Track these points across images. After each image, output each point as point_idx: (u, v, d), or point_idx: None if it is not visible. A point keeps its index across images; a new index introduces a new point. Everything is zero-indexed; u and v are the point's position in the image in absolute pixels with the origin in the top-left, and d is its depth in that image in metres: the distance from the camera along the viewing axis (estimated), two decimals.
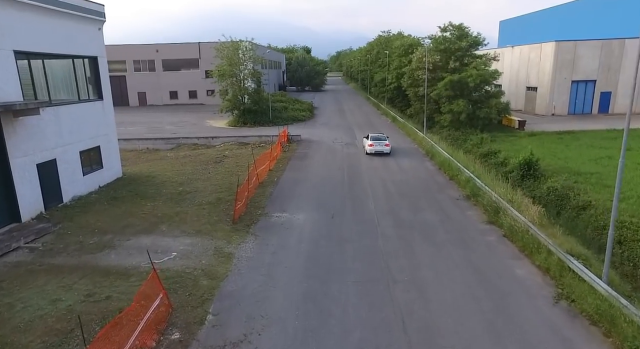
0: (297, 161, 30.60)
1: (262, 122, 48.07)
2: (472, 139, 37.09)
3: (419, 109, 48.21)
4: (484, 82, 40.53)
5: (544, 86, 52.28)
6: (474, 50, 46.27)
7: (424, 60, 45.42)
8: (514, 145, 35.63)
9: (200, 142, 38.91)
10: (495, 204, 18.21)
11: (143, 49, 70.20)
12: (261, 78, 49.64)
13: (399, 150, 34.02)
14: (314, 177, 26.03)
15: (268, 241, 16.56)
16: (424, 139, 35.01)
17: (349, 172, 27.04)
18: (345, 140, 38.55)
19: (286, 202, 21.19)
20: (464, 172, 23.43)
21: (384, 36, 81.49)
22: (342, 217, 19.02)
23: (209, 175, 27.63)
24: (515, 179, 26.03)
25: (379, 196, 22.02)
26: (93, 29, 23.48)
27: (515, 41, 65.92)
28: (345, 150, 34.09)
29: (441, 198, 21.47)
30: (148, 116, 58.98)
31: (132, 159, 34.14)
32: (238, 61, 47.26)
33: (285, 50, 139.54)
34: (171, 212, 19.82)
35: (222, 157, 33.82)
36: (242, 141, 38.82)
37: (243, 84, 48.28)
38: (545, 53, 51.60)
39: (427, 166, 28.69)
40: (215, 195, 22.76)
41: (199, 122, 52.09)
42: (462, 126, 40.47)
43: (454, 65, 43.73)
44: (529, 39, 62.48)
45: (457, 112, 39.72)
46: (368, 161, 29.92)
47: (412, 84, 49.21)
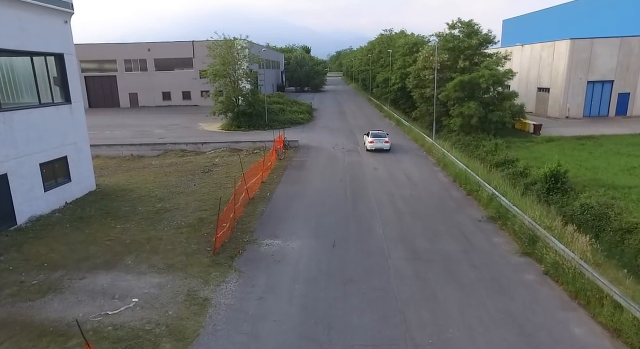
0: (293, 171, 27.48)
1: (257, 125, 44.93)
2: (484, 145, 34.00)
3: (425, 112, 45.10)
4: (496, 83, 37.44)
5: (557, 87, 49.16)
6: (483, 48, 43.24)
7: (431, 60, 42.32)
8: (531, 152, 32.55)
9: (188, 149, 35.78)
10: (529, 232, 15.08)
11: (134, 48, 67.06)
12: (255, 78, 46.44)
13: (406, 158, 30.89)
14: (312, 191, 22.91)
15: (254, 279, 13.44)
16: (434, 146, 31.89)
17: (352, 185, 23.91)
18: (346, 146, 35.40)
19: (279, 225, 18.07)
20: (484, 187, 20.31)
21: (386, 35, 78.33)
22: (345, 245, 15.90)
23: (194, 188, 24.51)
24: (540, 193, 23.01)
25: (388, 216, 18.90)
26: (57, 21, 20.34)
27: (519, 40, 62.79)
28: (347, 158, 30.96)
29: (460, 220, 18.35)
30: (138, 118, 55.83)
31: (112, 168, 31.02)
32: (232, 60, 44.12)
33: (284, 50, 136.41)
34: (143, 238, 16.70)
35: (212, 165, 30.70)
36: (235, 147, 35.68)
37: (237, 85, 45.14)
38: (559, 52, 48.47)
39: (439, 177, 25.56)
40: (197, 214, 19.65)
41: (191, 125, 48.96)
42: (473, 130, 37.38)
43: (463, 65, 40.65)
44: (534, 38, 59.35)
45: (468, 115, 36.60)
46: (373, 172, 26.81)
47: (418, 85, 46.10)
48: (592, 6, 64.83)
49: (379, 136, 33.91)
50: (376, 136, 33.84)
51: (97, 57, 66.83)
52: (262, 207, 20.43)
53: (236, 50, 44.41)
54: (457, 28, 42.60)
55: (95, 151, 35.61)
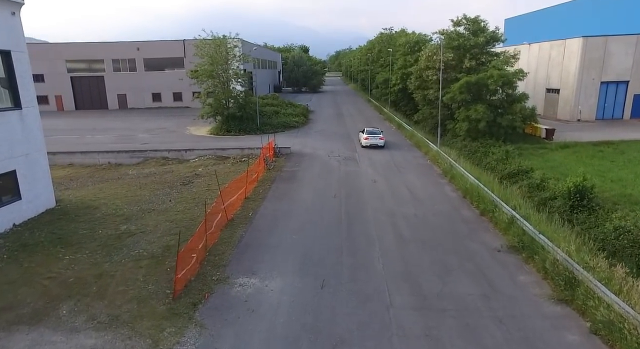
0: (282, 183, 24.49)
1: (248, 129, 41.95)
2: (494, 153, 31.01)
3: (428, 115, 42.12)
4: (506, 84, 34.44)
5: (568, 88, 46.23)
6: (491, 47, 40.31)
7: (435, 59, 39.36)
8: (545, 160, 29.59)
9: (170, 156, 32.80)
10: (565, 272, 12.10)
11: (123, 47, 64.08)
12: (247, 79, 43.45)
13: (409, 168, 27.88)
14: (301, 210, 19.92)
15: (219, 340, 10.47)
16: (439, 154, 28.91)
17: (347, 202, 20.92)
18: (343, 153, 32.41)
19: (258, 256, 15.08)
20: (502, 208, 17.32)
21: (386, 34, 75.31)
22: (337, 286, 12.92)
23: (169, 204, 21.55)
24: (562, 211, 20.07)
25: (389, 244, 15.92)
26: (2, 13, 17.38)
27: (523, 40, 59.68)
28: (344, 167, 27.96)
29: (475, 249, 15.37)
30: (125, 120, 52.89)
31: (83, 179, 28.04)
32: (221, 60, 41.15)
33: (282, 50, 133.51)
34: (91, 275, 13.73)
35: (193, 176, 27.74)
36: (221, 155, 32.69)
37: (227, 86, 42.18)
38: (570, 50, 45.52)
39: (447, 192, 22.55)
40: (165, 240, 16.70)
41: (178, 129, 46.01)
42: (480, 135, 34.42)
43: (469, 65, 37.70)
44: (539, 37, 56.29)
45: (475, 119, 33.62)
46: (371, 185, 23.80)
47: (420, 86, 43.13)
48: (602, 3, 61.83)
49: (374, 133, 35.42)
50: (371, 133, 35.37)
51: (83, 57, 63.91)
52: (242, 231, 17.45)
53: (225, 49, 41.44)
54: (463, 25, 39.69)
55: (69, 158, 32.81)
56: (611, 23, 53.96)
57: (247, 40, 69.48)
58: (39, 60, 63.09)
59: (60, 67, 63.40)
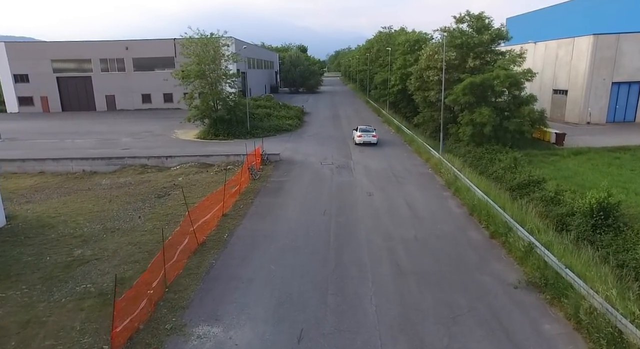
0: (267, 197, 21.93)
1: (237, 133, 39.39)
2: (501, 160, 28.51)
3: (429, 118, 39.58)
4: (513, 85, 31.89)
5: (576, 89, 43.68)
6: (496, 45, 37.78)
7: (436, 58, 36.85)
8: (558, 168, 27.05)
9: (150, 164, 30.25)
10: (608, 328, 9.52)
11: (110, 46, 61.53)
12: (237, 80, 40.92)
13: (409, 178, 25.29)
14: (284, 231, 17.37)
15: None
16: (441, 163, 26.37)
17: (338, 221, 18.36)
18: (337, 160, 29.86)
19: (227, 294, 12.53)
20: (518, 231, 14.78)
21: (385, 32, 72.73)
22: (318, 339, 10.38)
23: (137, 222, 19.05)
24: (582, 230, 17.57)
25: (384, 278, 13.36)
26: None
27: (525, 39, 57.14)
28: (337, 178, 25.39)
29: (487, 285, 12.82)
30: (111, 123, 50.35)
31: (50, 190, 25.50)
32: (209, 60, 38.61)
33: (279, 49, 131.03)
34: (16, 322, 11.21)
35: (172, 187, 25.22)
36: (205, 162, 30.15)
37: (215, 87, 39.64)
38: (579, 49, 42.98)
39: (451, 207, 19.97)
40: (122, 269, 14.19)
41: (165, 132, 43.48)
42: (485, 140, 31.90)
43: (472, 64, 35.15)
44: (542, 36, 53.68)
45: (480, 123, 31.11)
46: (367, 199, 21.23)
47: (421, 87, 40.57)
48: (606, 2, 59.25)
49: (367, 130, 36.11)
50: (364, 130, 36.02)
51: (69, 56, 61.40)
52: (212, 259, 14.91)
53: (214, 48, 38.90)
54: (466, 22, 37.11)
55: (40, 166, 30.26)
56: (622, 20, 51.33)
57: (241, 39, 66.97)
58: (23, 59, 60.85)
59: (45, 67, 60.89)
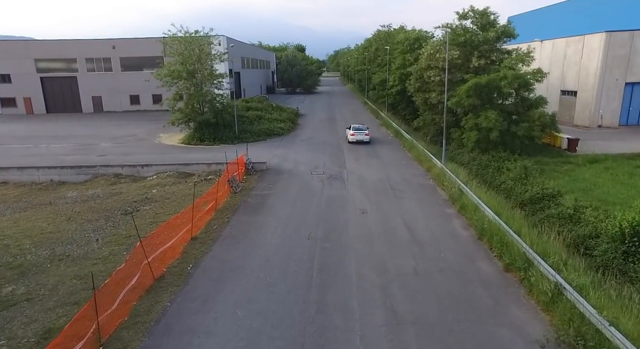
0: (245, 215, 19.25)
1: (224, 138, 36.73)
2: (509, 169, 25.91)
3: (430, 121, 36.94)
4: (522, 86, 29.26)
5: (587, 90, 41.04)
6: (501, 43, 35.15)
7: (437, 57, 34.21)
8: (574, 179, 24.39)
9: (124, 173, 27.62)
10: None
11: (96, 45, 58.86)
12: (223, 80, 38.26)
13: (408, 192, 22.55)
14: (259, 261, 14.70)
15: None
16: (444, 173, 23.69)
17: (324, 248, 15.67)
18: (330, 170, 27.19)
19: None
20: (540, 266, 12.11)
21: (384, 31, 69.99)
22: None
23: (94, 247, 16.42)
24: (610, 258, 15.00)
25: (375, 330, 10.70)
26: None
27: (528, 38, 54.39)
28: (327, 191, 22.69)
29: (505, 341, 10.15)
30: (94, 126, 47.74)
31: (5, 205, 22.92)
32: (194, 59, 35.96)
33: (277, 49, 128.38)
34: None
35: (143, 200, 22.60)
36: (184, 171, 27.52)
37: (201, 89, 37.00)
38: (590, 48, 40.30)
39: (456, 229, 17.28)
40: (54, 315, 11.56)
41: (149, 137, 40.86)
42: (491, 147, 29.30)
43: (477, 64, 32.54)
44: (544, 35, 50.88)
45: (486, 128, 28.48)
46: (359, 218, 18.55)
47: (421, 88, 37.95)
48: None
49: (360, 129, 36.41)
50: (357, 129, 36.34)
51: (54, 56, 58.76)
52: (168, 301, 12.24)
53: (199, 47, 36.25)
54: (469, 18, 34.44)
55: (3, 175, 27.60)
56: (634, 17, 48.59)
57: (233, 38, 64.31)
58: (5, 58, 58.13)
59: (29, 66, 58.27)
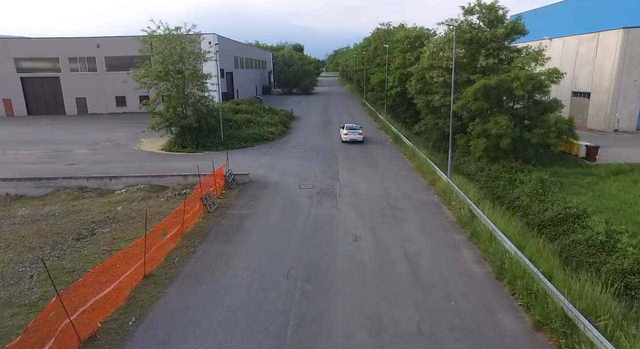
0: (216, 243, 16.18)
1: (208, 145, 33.72)
2: (522, 181, 22.93)
3: (433, 126, 33.87)
4: (537, 88, 26.21)
5: (602, 92, 38.02)
6: (510, 41, 32.20)
7: (441, 56, 31.19)
8: (598, 195, 21.35)
9: (90, 186, 24.58)
10: None
11: (80, 44, 55.78)
12: (209, 82, 35.26)
13: (409, 211, 19.41)
14: (221, 313, 11.61)
15: None
16: (451, 189, 20.61)
17: (306, 291, 12.59)
18: (320, 182, 24.14)
19: None
20: (589, 333, 9.06)
21: (383, 29, 66.93)
22: None
23: (23, 287, 13.38)
24: None
25: None
26: None
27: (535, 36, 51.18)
28: (316, 210, 19.61)
29: None
30: (74, 130, 44.68)
31: None
32: (175, 59, 32.94)
33: (274, 49, 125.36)
34: None
35: (104, 220, 19.58)
36: (158, 184, 24.49)
37: (183, 91, 34.00)
38: (605, 45, 37.28)
39: (467, 264, 14.17)
40: None
41: (129, 142, 37.84)
42: (501, 155, 26.31)
43: (484, 63, 29.54)
44: (552, 33, 47.77)
45: (496, 135, 25.45)
46: (351, 247, 15.49)
47: (422, 90, 34.93)
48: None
49: (353, 128, 36.40)
50: (351, 128, 36.27)
51: (35, 55, 55.70)
52: None
53: (180, 46, 33.22)
54: (476, 13, 31.40)
55: None
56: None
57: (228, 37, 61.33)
58: None
59: (8, 66, 55.17)
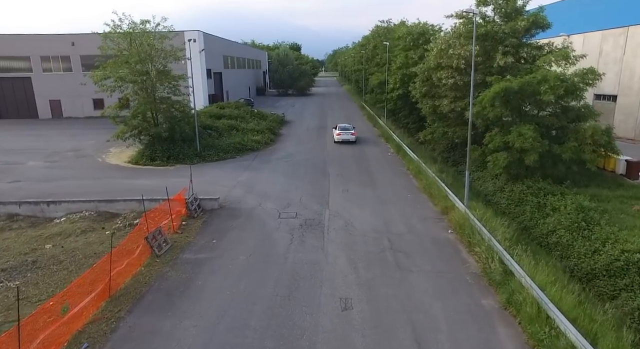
0: (148, 313, 11.57)
1: (182, 156, 29.20)
2: (555, 207, 18.49)
3: (441, 135, 29.33)
4: (570, 92, 21.69)
5: (631, 94, 33.57)
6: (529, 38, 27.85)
7: (451, 53, 26.73)
8: None
9: (23, 212, 20.01)
10: None
11: (53, 41, 51.22)
12: (181, 84, 30.76)
13: (418, 257, 14.79)
14: None
15: None
16: (471, 223, 16.05)
17: None
18: (307, 208, 19.60)
19: None
20: None
21: (383, 26, 62.32)
22: None
23: None
24: None
25: None
26: None
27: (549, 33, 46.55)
28: (296, 253, 15.01)
29: None
30: (38, 137, 40.12)
31: None
32: (143, 57, 28.45)
33: (270, 48, 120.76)
34: None
35: (22, 266, 15.05)
36: (107, 210, 19.95)
37: (153, 95, 29.50)
38: (636, 42, 32.82)
39: None
40: None
41: (95, 152, 33.36)
42: (524, 172, 21.89)
43: (502, 62, 25.05)
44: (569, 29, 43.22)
45: (520, 149, 20.96)
46: (338, 326, 10.84)
47: (429, 93, 30.44)
48: None
49: (346, 128, 35.75)
50: (343, 129, 35.67)
51: (3, 53, 51.16)
52: None
53: (148, 42, 28.73)
54: (491, 4, 26.93)
55: None
56: None
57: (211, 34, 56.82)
58: None
59: None
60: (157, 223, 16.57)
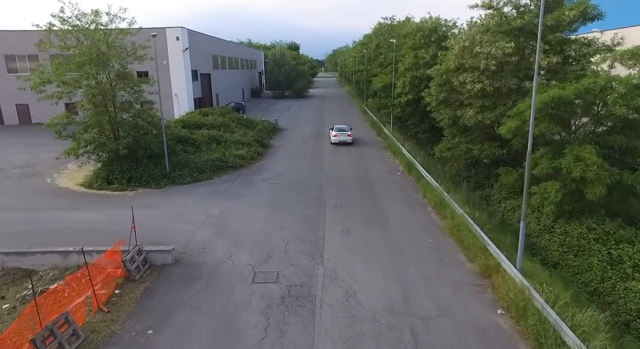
0: None
1: (146, 178, 23.84)
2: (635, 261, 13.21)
3: (463, 152, 23.95)
4: None
5: None
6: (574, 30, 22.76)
7: (477, 52, 21.52)
8: None
9: None
10: None
11: (19, 39, 45.83)
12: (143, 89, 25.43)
13: None
14: None
15: None
16: (535, 306, 10.65)
17: None
18: (291, 267, 14.20)
19: None
20: None
21: (386, 24, 56.93)
22: None
23: None
24: None
25: None
26: None
27: None
28: None
29: None
30: None
31: None
32: (94, 57, 23.13)
33: (267, 48, 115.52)
34: None
35: None
36: (19, 266, 14.55)
37: (113, 102, 24.20)
38: None
39: None
40: None
41: (49, 170, 28.08)
42: (583, 209, 16.67)
43: (546, 63, 19.82)
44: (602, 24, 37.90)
45: (580, 179, 15.67)
46: None
47: (448, 101, 25.13)
48: None
49: (343, 130, 34.72)
50: (340, 130, 34.68)
51: None
52: None
53: (103, 40, 23.42)
54: None
55: None
56: None
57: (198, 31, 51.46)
58: None
59: None
60: (71, 298, 11.28)
